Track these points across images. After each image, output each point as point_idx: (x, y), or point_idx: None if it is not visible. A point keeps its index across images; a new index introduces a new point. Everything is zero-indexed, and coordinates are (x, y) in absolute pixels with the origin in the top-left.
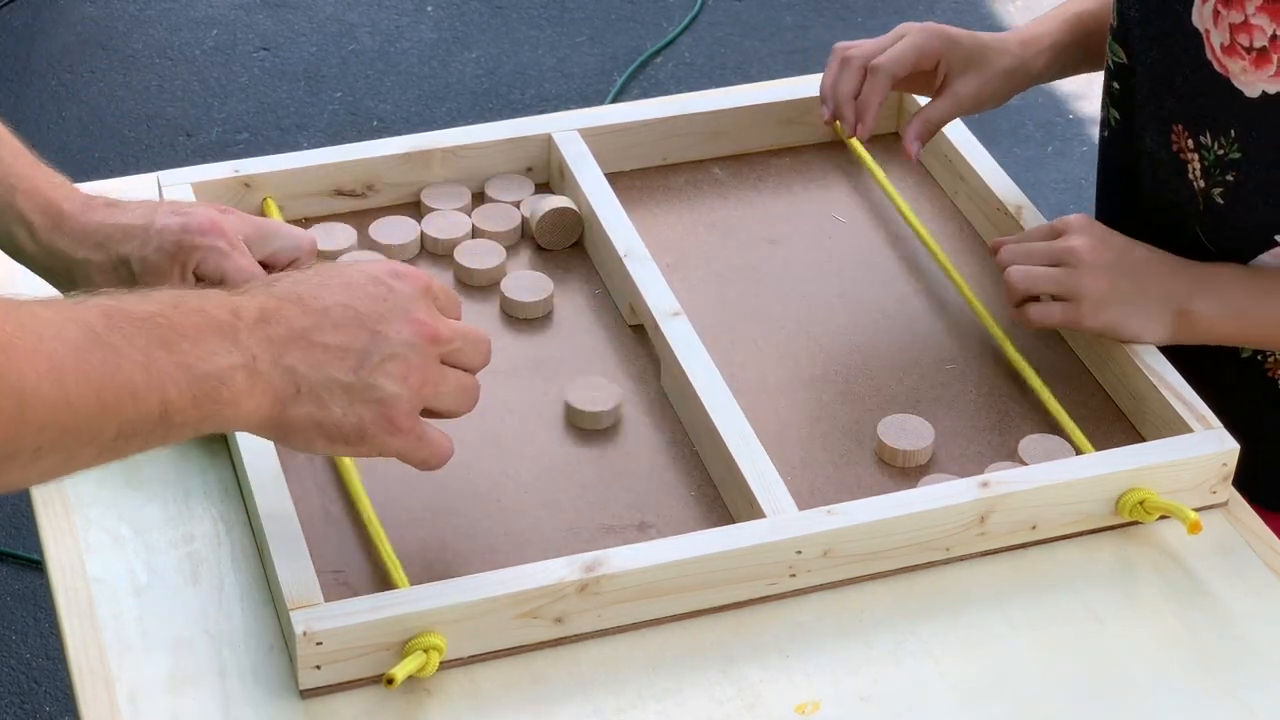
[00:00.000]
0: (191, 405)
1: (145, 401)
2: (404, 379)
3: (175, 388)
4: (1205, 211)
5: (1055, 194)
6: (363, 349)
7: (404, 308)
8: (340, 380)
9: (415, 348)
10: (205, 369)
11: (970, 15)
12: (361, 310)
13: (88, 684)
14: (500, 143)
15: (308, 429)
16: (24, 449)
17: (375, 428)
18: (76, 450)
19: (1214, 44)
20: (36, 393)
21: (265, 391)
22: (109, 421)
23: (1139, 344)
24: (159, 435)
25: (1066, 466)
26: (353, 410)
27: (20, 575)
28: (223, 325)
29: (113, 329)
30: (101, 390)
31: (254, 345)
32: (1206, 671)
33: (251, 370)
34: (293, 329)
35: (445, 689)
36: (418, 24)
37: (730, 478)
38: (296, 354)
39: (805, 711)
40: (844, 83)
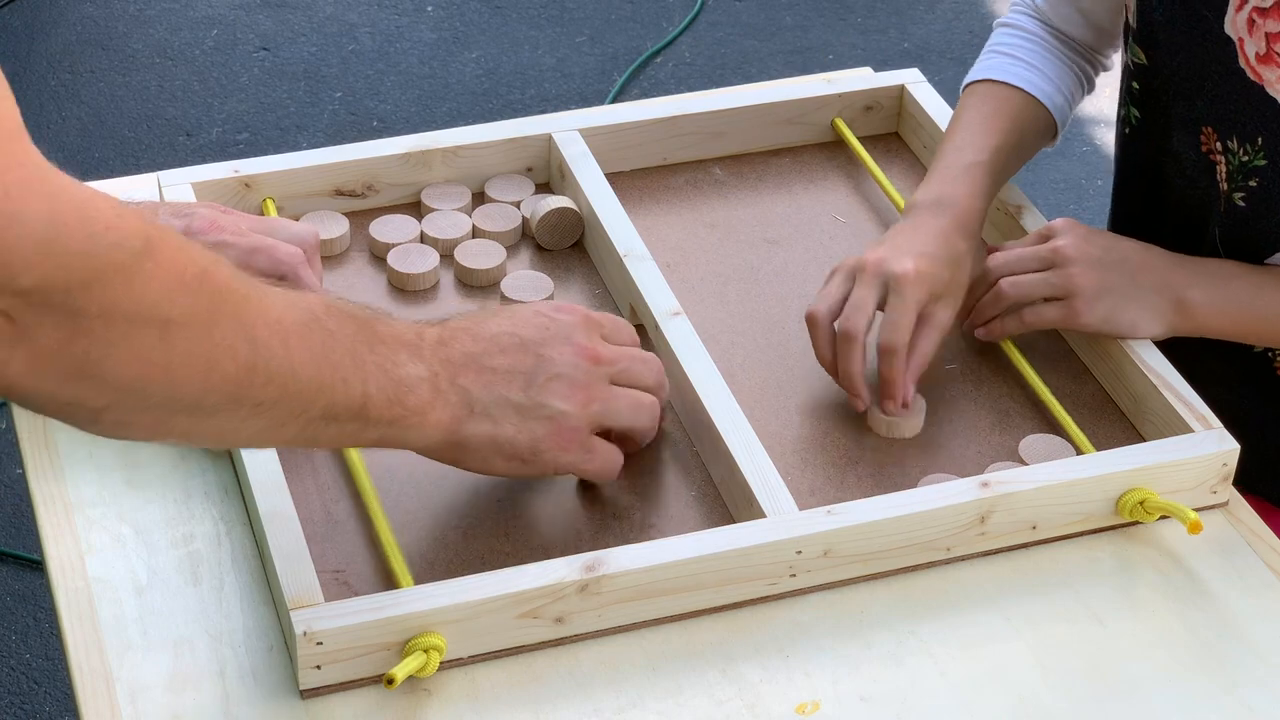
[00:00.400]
0: (386, 405)
1: (351, 388)
2: (569, 396)
3: (375, 384)
4: (1226, 213)
5: (1055, 194)
6: (529, 370)
7: (565, 334)
8: (511, 400)
9: (579, 368)
10: (400, 374)
11: (970, 15)
12: (525, 336)
13: (88, 684)
14: (500, 143)
15: (484, 446)
16: (247, 399)
17: (547, 443)
18: (285, 419)
19: (1248, 53)
20: (268, 347)
21: (445, 407)
22: (319, 398)
23: (1137, 337)
24: (354, 429)
25: (1067, 466)
26: (525, 427)
27: (20, 575)
28: (410, 342)
29: (330, 317)
30: (319, 365)
31: (435, 364)
32: (1206, 671)
33: (434, 385)
34: (465, 353)
35: (445, 689)
36: (418, 24)
37: (730, 478)
38: (470, 376)
39: (805, 711)
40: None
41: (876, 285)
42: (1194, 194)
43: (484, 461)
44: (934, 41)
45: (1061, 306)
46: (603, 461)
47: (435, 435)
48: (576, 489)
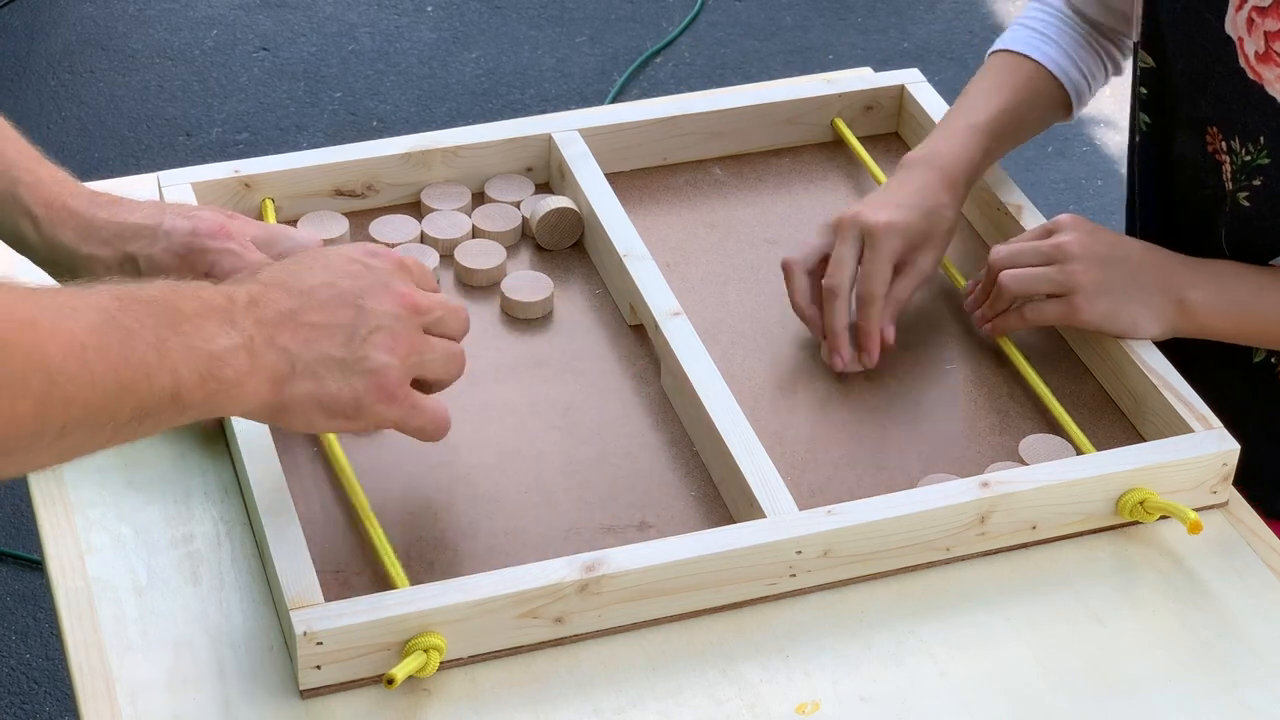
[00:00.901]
0: (199, 385)
1: (158, 381)
2: (391, 349)
3: (185, 367)
4: (1232, 213)
5: (1055, 194)
6: (349, 324)
7: (383, 282)
8: (332, 355)
9: (399, 318)
10: (209, 349)
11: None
12: (343, 288)
13: (88, 684)
14: (500, 143)
15: (307, 406)
16: (50, 428)
17: (370, 398)
18: (96, 430)
19: (1247, 52)
20: (63, 370)
21: (263, 371)
22: (126, 400)
23: (1136, 337)
24: (169, 416)
25: (1067, 466)
26: (348, 383)
27: (20, 575)
28: (219, 309)
29: (125, 311)
30: (120, 369)
31: (249, 327)
32: (1206, 671)
33: (250, 350)
34: (281, 311)
35: (445, 689)
36: (418, 24)
37: (730, 478)
38: (287, 334)
39: (805, 711)
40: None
41: (853, 239)
42: (1203, 195)
43: (307, 421)
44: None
45: (1062, 303)
46: (428, 417)
47: (254, 400)
48: (576, 489)
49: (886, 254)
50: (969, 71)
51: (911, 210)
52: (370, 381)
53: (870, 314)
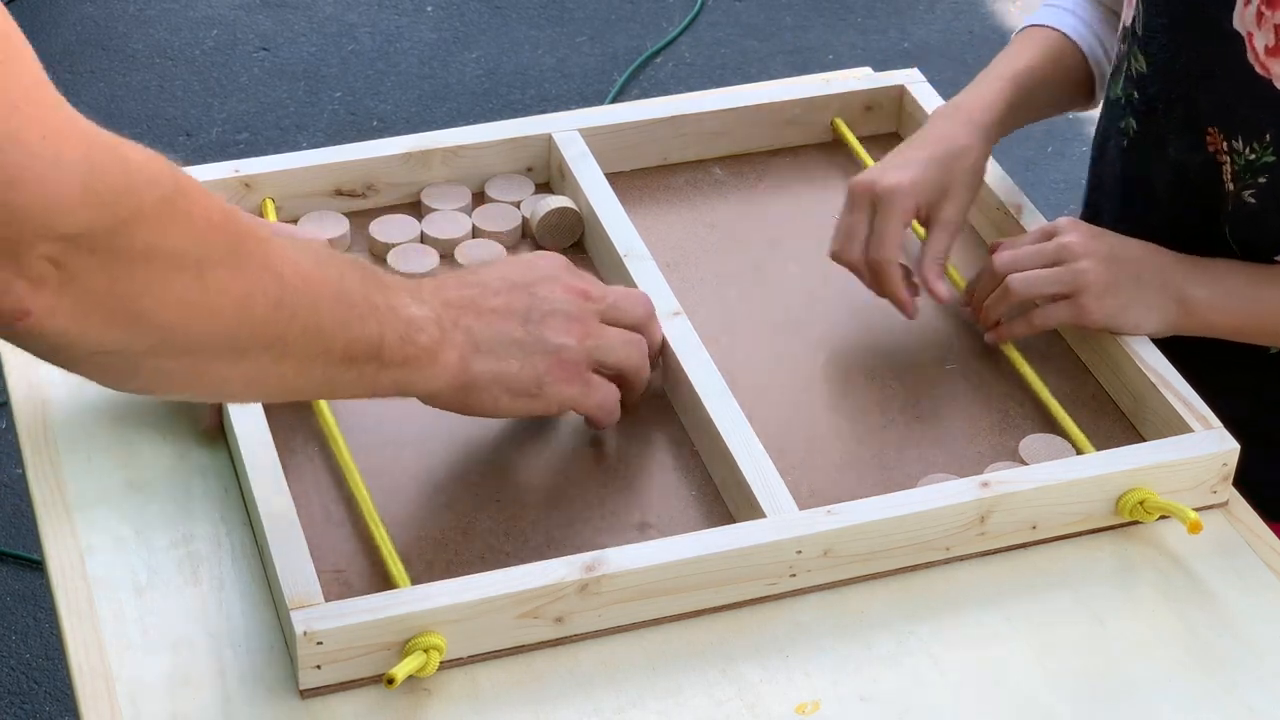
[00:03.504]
0: (399, 345)
1: (369, 327)
2: (567, 330)
3: (388, 324)
4: (1235, 212)
5: (1055, 194)
6: (525, 308)
7: (552, 274)
8: (513, 336)
9: (571, 303)
10: (407, 314)
11: (970, 15)
12: (515, 278)
13: (88, 684)
14: (500, 143)
15: (492, 384)
16: (278, 337)
17: (550, 377)
18: (310, 360)
19: (1257, 46)
20: (291, 284)
21: (452, 346)
22: (339, 336)
23: (1139, 334)
24: (370, 373)
25: (1066, 466)
26: (529, 363)
27: (20, 575)
28: (409, 285)
29: (336, 261)
30: (337, 303)
31: (436, 305)
32: (1206, 671)
33: (439, 325)
34: (462, 296)
35: (445, 689)
36: (418, 24)
37: (730, 478)
38: (470, 317)
39: (805, 711)
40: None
41: (865, 206)
42: (1199, 199)
43: (493, 400)
44: (934, 41)
45: (1069, 305)
46: (603, 397)
47: (445, 376)
48: (576, 489)
49: (895, 216)
50: (969, 71)
51: (925, 164)
52: (550, 361)
53: (885, 279)
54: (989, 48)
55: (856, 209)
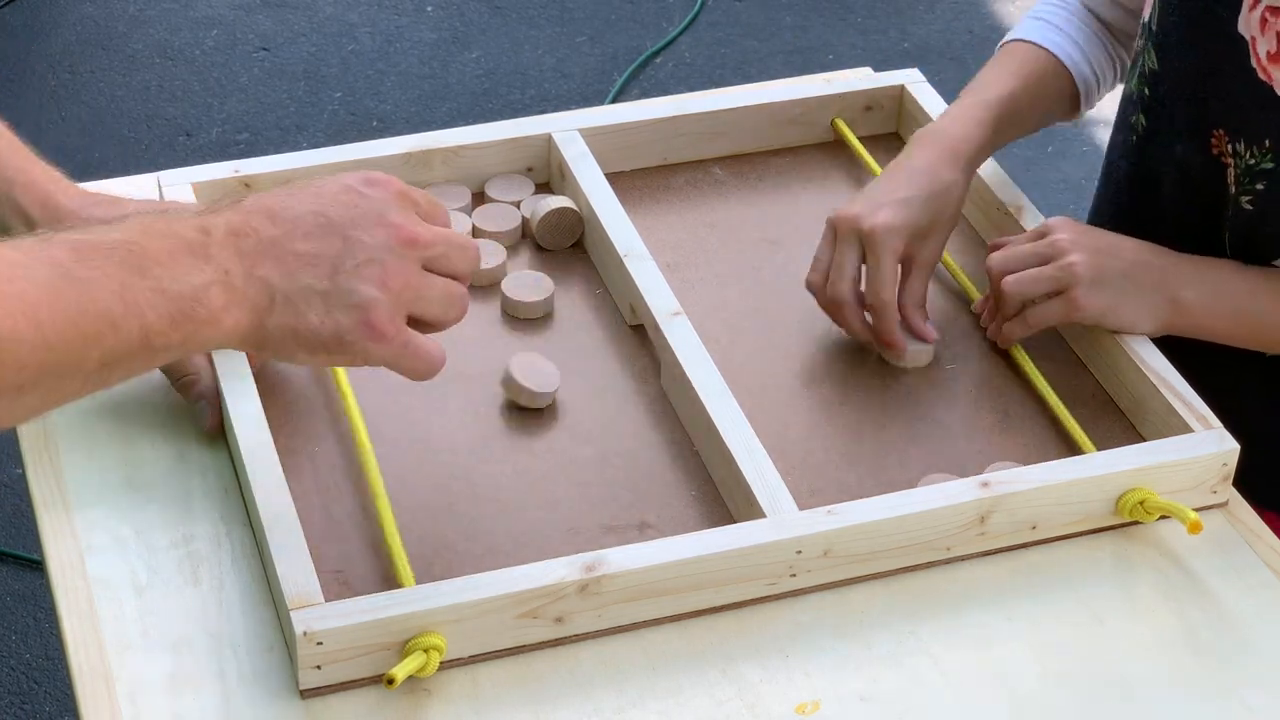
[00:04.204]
0: (171, 327)
1: (124, 329)
2: (382, 283)
3: (153, 312)
4: (1234, 217)
5: (1055, 194)
6: (336, 255)
7: (378, 212)
8: (315, 287)
9: (392, 250)
10: (179, 290)
11: (970, 15)
12: (333, 217)
13: (88, 684)
14: (500, 143)
15: (285, 339)
16: (5, 389)
17: (355, 334)
18: (59, 385)
19: (1259, 52)
20: (12, 335)
21: (241, 305)
22: (90, 353)
23: (1134, 334)
24: (142, 361)
25: (1066, 466)
26: (330, 317)
27: (20, 575)
28: (193, 244)
29: (83, 262)
30: (78, 324)
31: (226, 260)
32: (1206, 671)
33: (226, 285)
34: (263, 240)
35: (445, 689)
36: (418, 24)
37: (730, 478)
38: (269, 265)
39: (805, 711)
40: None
41: (853, 243)
42: (1201, 199)
43: (289, 354)
44: (934, 41)
45: (1061, 300)
46: (420, 358)
47: (233, 336)
48: (576, 489)
49: (888, 256)
50: (969, 71)
51: (910, 204)
52: (356, 317)
53: (883, 321)
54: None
55: (843, 245)
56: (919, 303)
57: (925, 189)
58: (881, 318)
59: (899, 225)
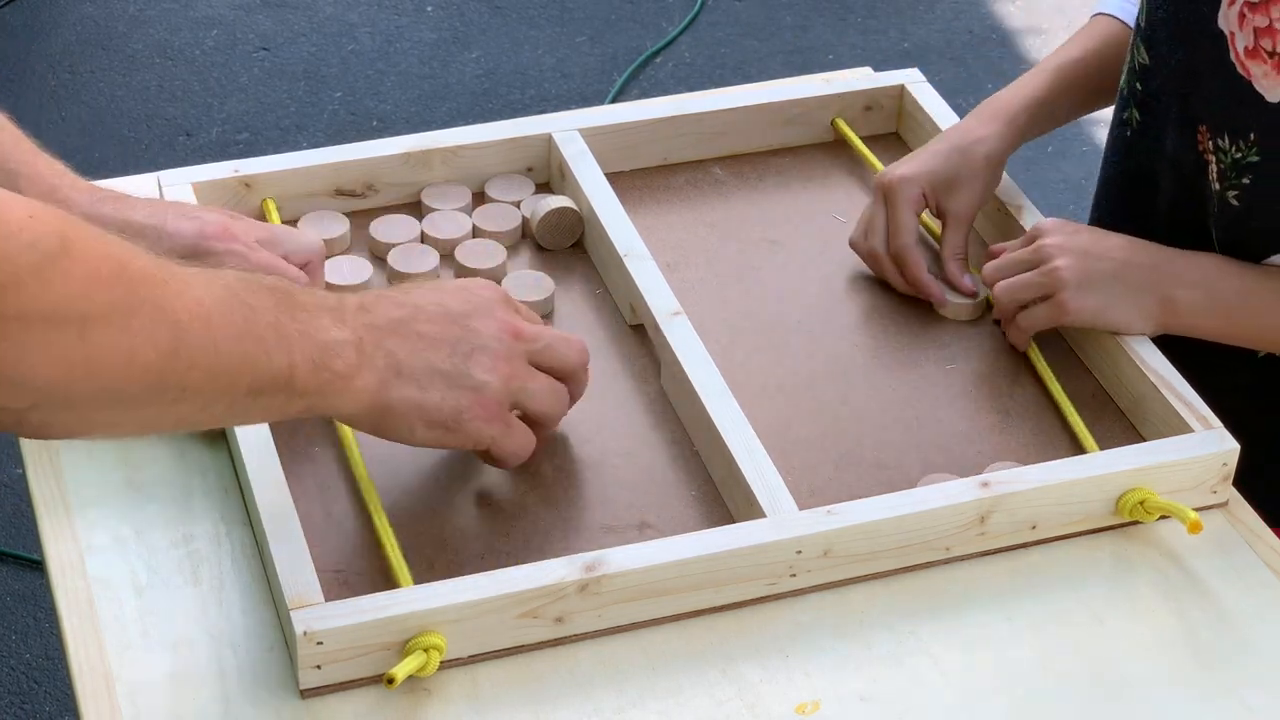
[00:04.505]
0: (312, 372)
1: (276, 361)
2: (493, 369)
3: (300, 352)
4: (1221, 213)
5: (1055, 194)
6: (455, 338)
7: (488, 308)
8: (438, 367)
9: (502, 342)
10: (324, 339)
11: (970, 15)
12: (450, 306)
13: (88, 684)
14: (500, 143)
15: (409, 412)
16: (171, 385)
17: (470, 414)
18: (212, 400)
19: (1238, 47)
20: (189, 330)
21: (371, 370)
22: (244, 374)
23: (1127, 334)
24: (282, 400)
25: (1066, 466)
26: (450, 395)
27: (20, 575)
28: (332, 307)
29: (248, 290)
30: (242, 340)
31: (358, 327)
32: (1206, 671)
33: (359, 348)
34: (391, 318)
35: (445, 689)
36: (418, 24)
37: (730, 478)
38: (396, 340)
39: (805, 711)
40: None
41: (880, 200)
42: (1189, 195)
43: (408, 429)
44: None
45: (1049, 304)
46: (520, 442)
47: (362, 399)
48: (576, 489)
49: (903, 205)
50: (969, 71)
51: (935, 155)
52: (472, 398)
53: (907, 267)
54: (989, 48)
55: (875, 203)
56: (956, 253)
57: (952, 142)
58: (904, 265)
59: (914, 175)
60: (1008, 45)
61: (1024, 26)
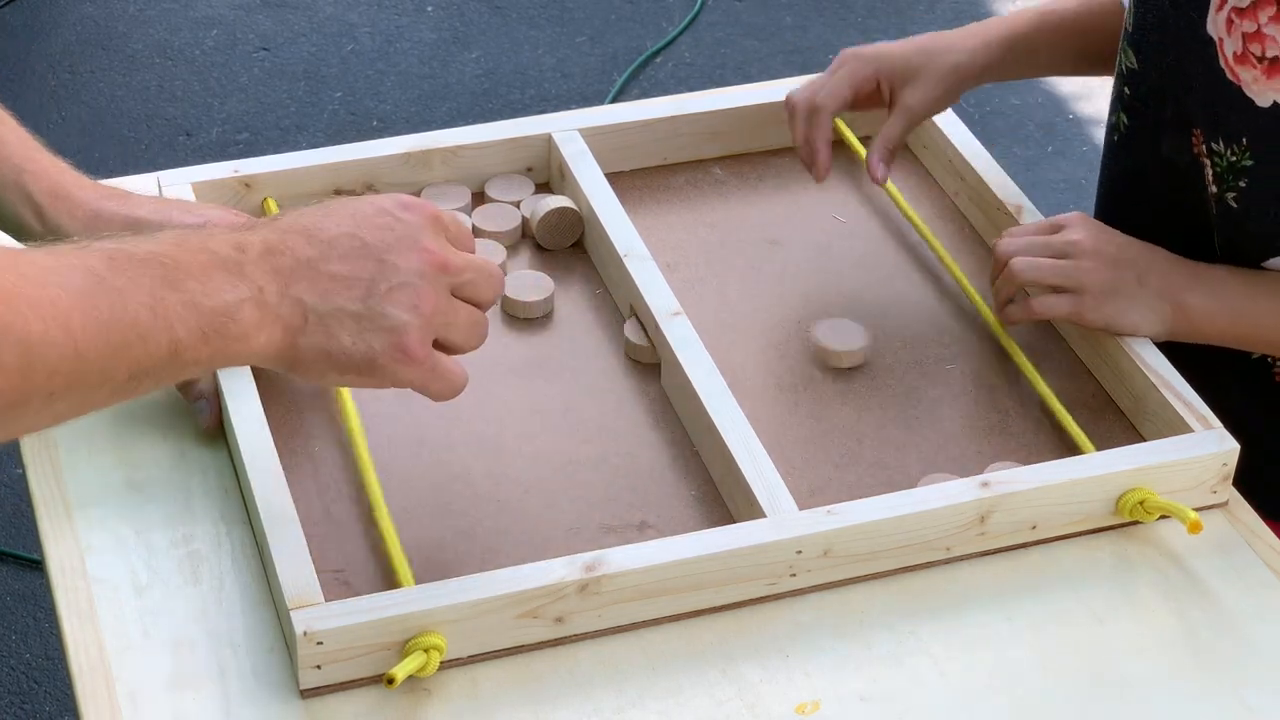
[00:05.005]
0: (201, 342)
1: (154, 342)
2: (414, 307)
3: (183, 326)
4: (1220, 216)
5: (1055, 194)
6: (370, 278)
7: (412, 237)
8: (348, 309)
9: (424, 276)
10: (212, 305)
11: (970, 15)
12: (368, 240)
13: (88, 684)
14: (500, 143)
15: (318, 359)
16: (35, 396)
17: (386, 357)
18: (89, 393)
19: (1226, 52)
20: (44, 340)
21: (275, 323)
22: (119, 364)
23: (1136, 337)
24: (171, 373)
25: (1066, 466)
26: (362, 339)
27: (20, 575)
28: (228, 261)
29: (117, 272)
30: (109, 334)
31: (260, 278)
32: (1206, 671)
33: (260, 303)
34: (299, 260)
35: (445, 689)
36: (418, 24)
37: (730, 478)
38: (303, 285)
39: (805, 711)
40: (797, 131)
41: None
42: (1185, 199)
43: (319, 374)
44: None
45: (1070, 299)
46: (446, 381)
47: (268, 352)
48: (576, 489)
49: (846, 73)
50: None
51: (904, 46)
52: (388, 340)
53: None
54: None
55: (828, 70)
56: (887, 141)
57: (924, 41)
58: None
59: (870, 54)
60: None
61: None
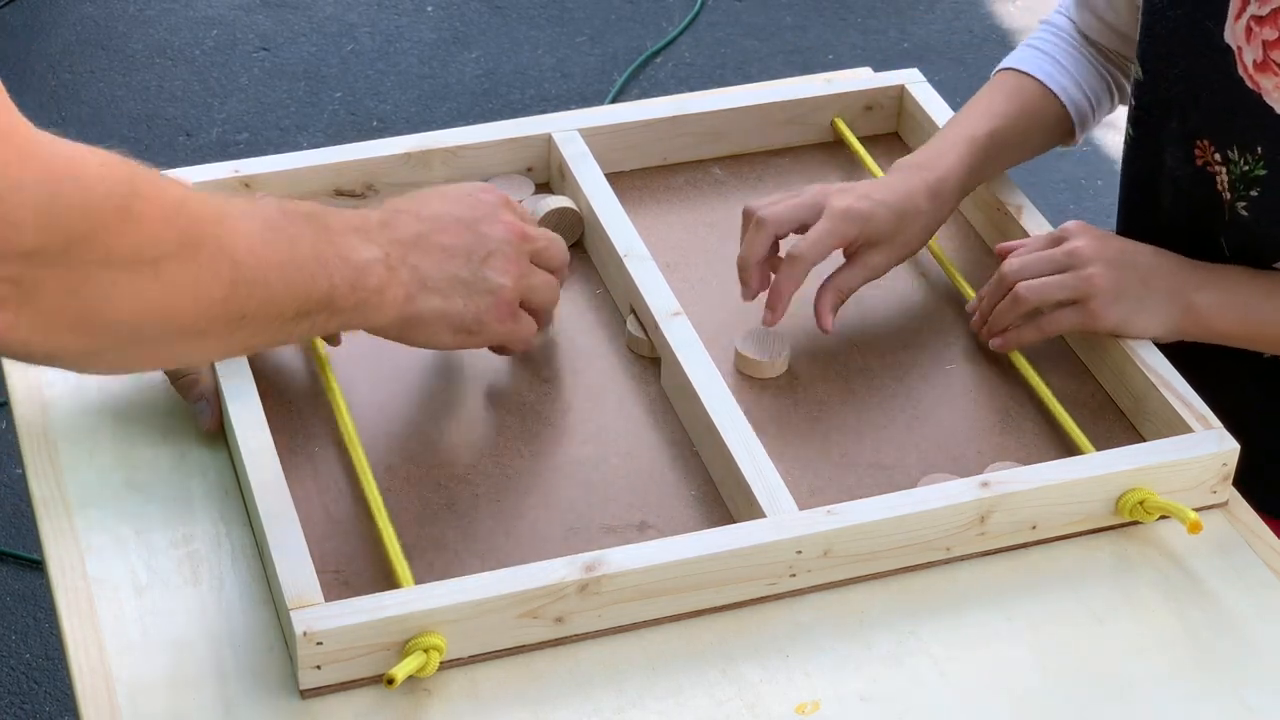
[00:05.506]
0: (349, 291)
1: (318, 286)
2: (506, 270)
3: (339, 274)
4: (1231, 224)
5: (1055, 194)
6: (469, 247)
7: (494, 213)
8: (458, 275)
9: (510, 243)
10: (356, 259)
11: (970, 15)
12: (462, 215)
13: (88, 684)
14: (500, 143)
15: (435, 320)
16: (233, 316)
17: (490, 315)
18: (265, 325)
19: (1246, 60)
20: (245, 262)
21: (399, 286)
22: (290, 301)
23: (1145, 338)
24: (323, 320)
25: (1067, 466)
26: (472, 301)
27: (20, 575)
28: (359, 226)
29: (289, 222)
30: (286, 271)
31: (385, 244)
32: (1206, 671)
33: (388, 265)
34: (412, 233)
35: (445, 689)
36: (418, 24)
37: (730, 478)
38: (418, 254)
39: (805, 711)
40: (755, 248)
41: (813, 206)
42: (1193, 208)
43: (434, 335)
44: (934, 41)
45: (1078, 310)
46: (529, 330)
47: (392, 312)
48: (576, 489)
49: (832, 231)
50: (969, 71)
51: (882, 206)
52: (490, 301)
53: (786, 272)
54: (989, 48)
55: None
56: (840, 290)
57: (899, 206)
58: (789, 268)
59: (860, 213)
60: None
61: (1024, 26)
